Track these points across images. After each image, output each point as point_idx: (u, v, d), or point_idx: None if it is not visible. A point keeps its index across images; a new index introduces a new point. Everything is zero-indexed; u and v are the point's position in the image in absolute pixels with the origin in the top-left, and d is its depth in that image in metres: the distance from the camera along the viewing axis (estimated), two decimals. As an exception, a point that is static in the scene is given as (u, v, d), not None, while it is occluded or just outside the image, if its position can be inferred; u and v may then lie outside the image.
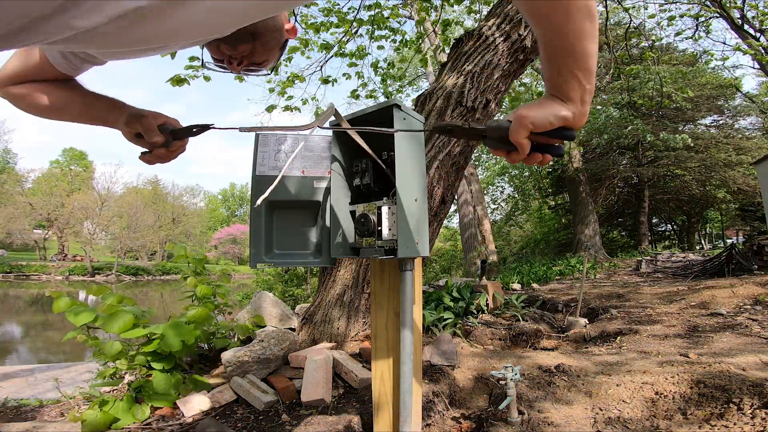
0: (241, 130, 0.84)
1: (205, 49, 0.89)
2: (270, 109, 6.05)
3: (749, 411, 1.65)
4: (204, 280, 2.61)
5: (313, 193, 1.26)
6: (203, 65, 0.91)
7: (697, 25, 8.74)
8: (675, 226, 24.82)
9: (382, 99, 7.02)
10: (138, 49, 0.67)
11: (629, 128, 11.74)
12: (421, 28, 6.10)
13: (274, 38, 0.89)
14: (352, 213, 1.26)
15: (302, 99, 6.93)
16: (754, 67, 13.62)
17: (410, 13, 9.42)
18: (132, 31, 0.59)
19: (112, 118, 0.86)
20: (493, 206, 23.03)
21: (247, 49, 0.85)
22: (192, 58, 4.71)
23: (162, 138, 0.83)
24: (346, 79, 6.22)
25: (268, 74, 1.00)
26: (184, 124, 0.87)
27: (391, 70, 6.75)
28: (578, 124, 0.61)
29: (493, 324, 3.66)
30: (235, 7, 0.59)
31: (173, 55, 4.29)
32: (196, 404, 1.96)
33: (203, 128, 0.84)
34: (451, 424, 1.94)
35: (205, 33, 0.65)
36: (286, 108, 6.24)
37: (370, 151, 1.14)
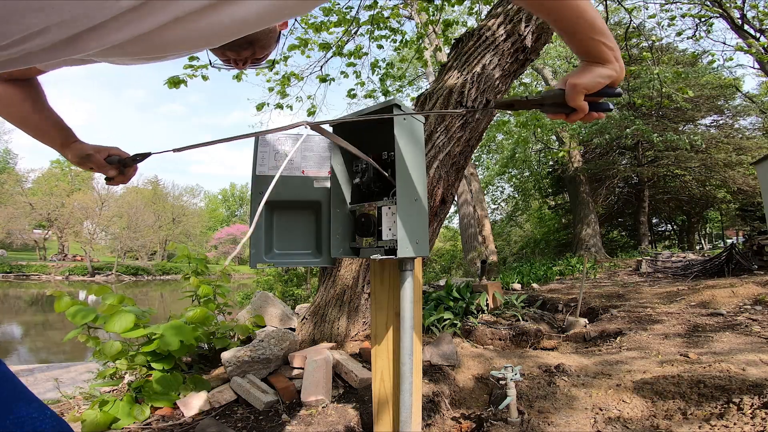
0: (175, 150, 0.94)
1: (208, 51, 0.95)
2: (260, 107, 6.04)
3: (749, 411, 1.65)
4: (205, 281, 2.61)
5: (313, 193, 1.26)
6: (211, 65, 0.99)
7: (697, 25, 8.73)
8: (675, 226, 24.82)
9: (381, 98, 7.02)
10: (155, 56, 0.68)
11: (632, 128, 11.73)
12: (422, 28, 6.10)
13: (270, 38, 0.96)
14: (352, 213, 1.26)
15: (297, 97, 6.83)
16: (754, 67, 13.61)
17: (410, 13, 9.41)
18: (162, 36, 0.59)
19: (62, 152, 0.96)
20: (493, 206, 23.04)
21: (249, 53, 0.92)
22: (192, 58, 4.69)
23: (115, 170, 0.97)
24: (344, 77, 6.21)
25: (271, 65, 1.08)
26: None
27: (390, 70, 6.74)
28: (620, 80, 0.71)
29: (494, 324, 3.66)
30: (269, 9, 0.61)
31: None
32: (196, 404, 1.96)
33: (144, 156, 0.98)
34: (451, 424, 1.94)
35: (221, 39, 0.67)
36: (278, 105, 6.22)
37: (364, 155, 1.14)
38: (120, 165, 0.96)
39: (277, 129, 0.97)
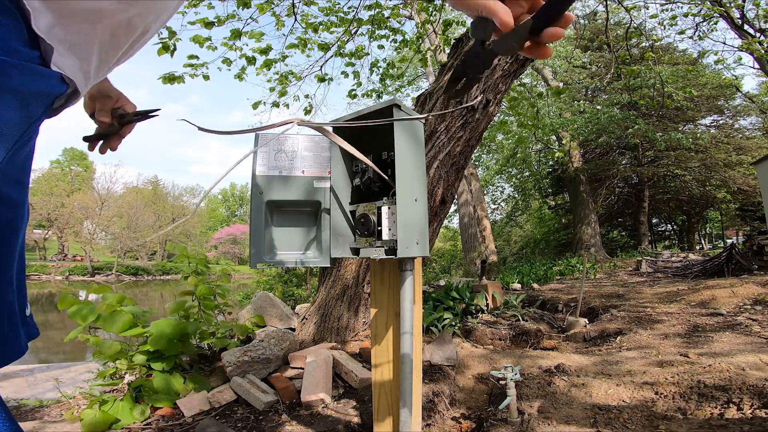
0: (177, 120, 0.90)
1: None
2: (255, 105, 6.03)
3: (749, 411, 1.65)
4: (204, 280, 2.61)
5: (313, 193, 1.26)
6: None
7: (697, 25, 8.73)
8: (675, 226, 24.82)
9: (382, 98, 7.02)
10: None
11: (635, 128, 11.71)
12: (420, 27, 6.10)
13: None
14: (352, 213, 1.26)
15: (294, 96, 6.78)
16: (754, 67, 13.61)
17: (410, 13, 9.41)
18: None
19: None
20: (493, 206, 23.04)
21: None
22: (191, 56, 4.70)
23: (108, 120, 0.83)
24: (344, 77, 6.21)
25: (269, 66, 1.09)
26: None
27: (390, 70, 6.73)
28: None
29: (493, 324, 3.66)
30: None
31: (172, 53, 4.29)
32: (196, 404, 1.95)
33: (147, 113, 0.87)
34: (451, 424, 1.94)
35: None
36: (274, 104, 6.21)
37: (360, 155, 1.14)
38: (116, 120, 0.83)
39: (267, 126, 0.91)
